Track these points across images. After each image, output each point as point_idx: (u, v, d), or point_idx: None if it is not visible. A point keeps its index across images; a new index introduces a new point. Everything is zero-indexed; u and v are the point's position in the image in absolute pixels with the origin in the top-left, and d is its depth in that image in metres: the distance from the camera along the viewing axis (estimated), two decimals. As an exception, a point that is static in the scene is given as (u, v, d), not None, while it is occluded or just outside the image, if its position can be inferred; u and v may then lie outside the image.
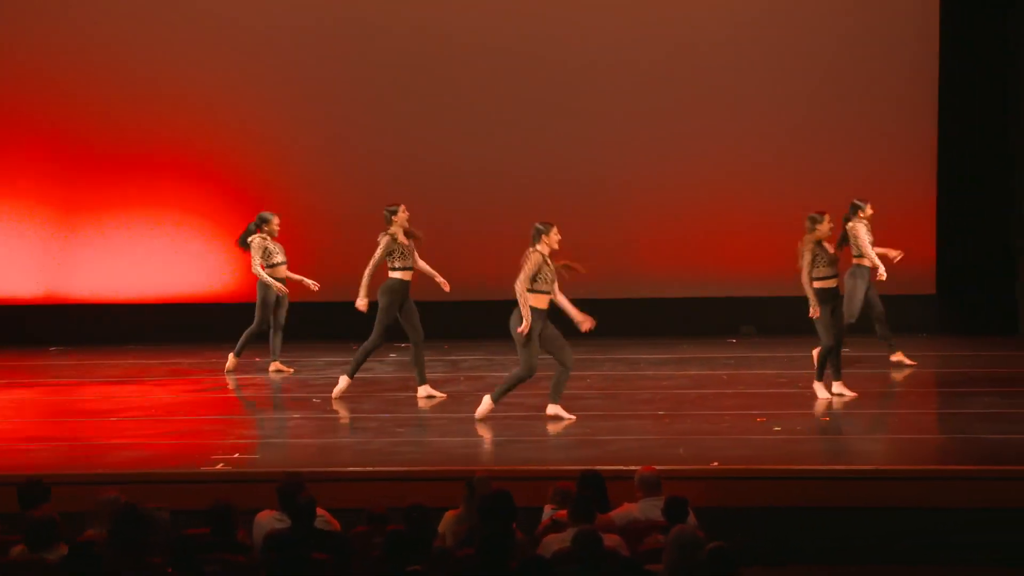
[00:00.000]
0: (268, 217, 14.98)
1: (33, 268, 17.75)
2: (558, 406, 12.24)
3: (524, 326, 11.84)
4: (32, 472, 9.58)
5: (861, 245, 14.33)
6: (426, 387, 13.42)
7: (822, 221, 12.92)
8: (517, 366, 12.12)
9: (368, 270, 13.33)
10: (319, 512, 8.47)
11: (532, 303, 11.91)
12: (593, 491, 8.72)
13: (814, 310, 12.74)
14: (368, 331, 13.44)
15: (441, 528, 8.80)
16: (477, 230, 16.98)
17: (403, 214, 13.42)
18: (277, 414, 13.52)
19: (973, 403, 12.76)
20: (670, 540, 7.46)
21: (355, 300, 13.37)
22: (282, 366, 15.02)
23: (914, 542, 9.88)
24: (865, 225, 14.45)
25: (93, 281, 17.66)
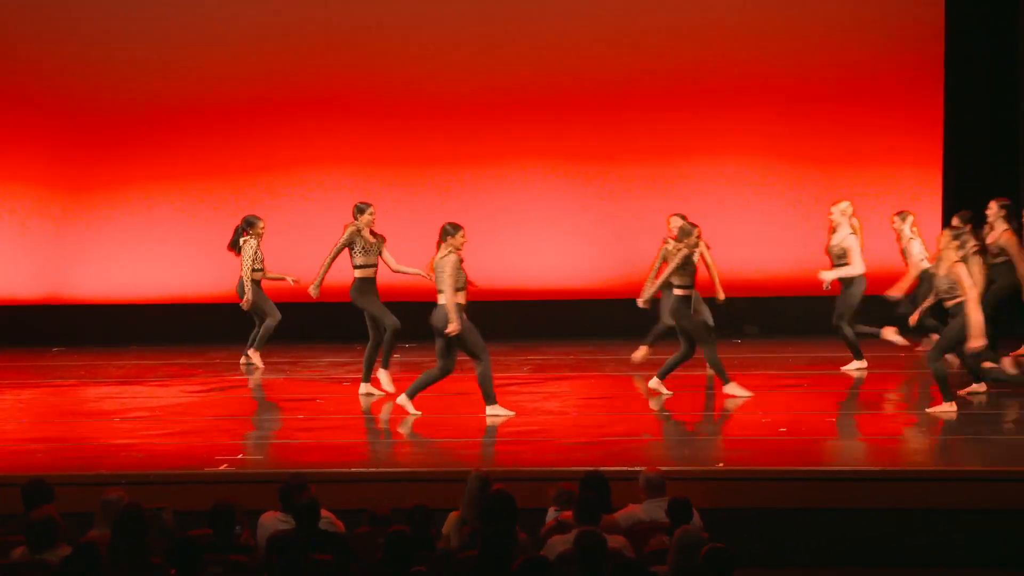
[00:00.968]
0: (254, 220, 15.10)
1: (36, 269, 17.76)
2: (411, 402, 12.46)
3: (453, 327, 12.01)
4: (35, 473, 9.56)
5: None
6: (368, 385, 13.59)
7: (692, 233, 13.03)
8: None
9: (327, 258, 13.53)
10: (324, 514, 8.45)
11: (457, 300, 12.17)
12: (596, 492, 8.70)
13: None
14: (366, 332, 13.54)
15: (445, 529, 8.78)
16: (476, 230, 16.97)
17: (368, 216, 13.50)
18: (281, 415, 13.50)
19: (974, 403, 12.72)
20: (675, 542, 7.45)
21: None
22: (254, 358, 15.19)
23: (916, 543, 9.87)
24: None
25: (95, 282, 17.66)
